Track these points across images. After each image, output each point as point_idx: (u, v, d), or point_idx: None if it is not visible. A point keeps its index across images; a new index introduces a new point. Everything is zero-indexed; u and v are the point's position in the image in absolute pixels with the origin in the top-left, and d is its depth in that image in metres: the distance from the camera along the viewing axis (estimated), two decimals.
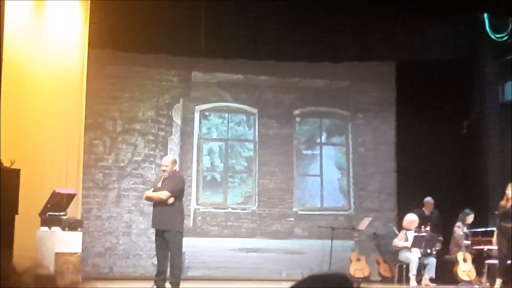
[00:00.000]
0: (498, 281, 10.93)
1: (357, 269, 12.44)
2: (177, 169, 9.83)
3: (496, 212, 11.30)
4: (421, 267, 11.97)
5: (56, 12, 9.79)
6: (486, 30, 12.91)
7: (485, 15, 12.86)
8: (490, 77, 13.20)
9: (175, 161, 9.67)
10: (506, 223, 10.94)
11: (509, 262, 10.99)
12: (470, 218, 12.32)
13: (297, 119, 13.88)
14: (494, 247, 11.66)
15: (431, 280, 11.86)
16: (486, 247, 12.00)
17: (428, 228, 12.18)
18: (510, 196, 10.90)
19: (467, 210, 12.32)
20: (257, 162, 13.50)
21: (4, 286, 0.92)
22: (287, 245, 13.32)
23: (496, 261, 11.41)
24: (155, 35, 11.65)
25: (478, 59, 13.21)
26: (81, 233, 8.87)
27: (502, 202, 11.04)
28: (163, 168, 9.40)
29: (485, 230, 12.30)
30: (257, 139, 13.59)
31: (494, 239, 11.52)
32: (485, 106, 13.23)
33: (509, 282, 10.89)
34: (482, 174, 12.93)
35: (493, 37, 12.88)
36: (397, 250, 12.35)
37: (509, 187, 10.98)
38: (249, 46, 12.20)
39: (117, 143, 12.67)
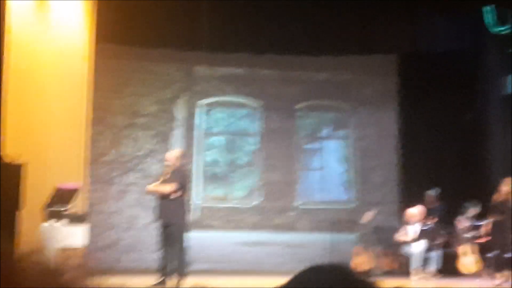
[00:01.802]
0: (499, 274, 10.93)
1: (360, 262, 12.45)
2: (181, 164, 9.82)
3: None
4: (425, 260, 11.97)
5: (61, 6, 9.79)
6: (489, 23, 12.88)
7: (488, 7, 12.82)
8: (493, 70, 13.18)
9: (180, 156, 9.67)
10: (497, 216, 10.96)
11: (508, 255, 11.00)
12: (471, 211, 12.33)
13: (300, 112, 13.87)
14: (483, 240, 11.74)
15: (434, 273, 11.87)
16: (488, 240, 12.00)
17: (431, 221, 12.18)
18: (504, 192, 10.89)
19: (467, 203, 12.33)
20: (259, 156, 13.50)
21: (7, 279, 0.92)
22: (290, 238, 13.32)
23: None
24: (158, 29, 11.65)
25: (480, 51, 13.18)
26: (85, 227, 8.88)
27: (495, 196, 11.06)
28: (168, 162, 9.41)
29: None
30: (259, 133, 13.58)
31: (486, 229, 11.52)
32: (488, 98, 13.21)
33: (508, 275, 10.89)
34: (484, 166, 12.92)
35: (495, 29, 12.84)
36: (400, 243, 12.35)
37: (505, 183, 10.95)
38: (252, 40, 12.19)
39: (120, 138, 12.68)
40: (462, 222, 12.26)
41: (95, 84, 11.03)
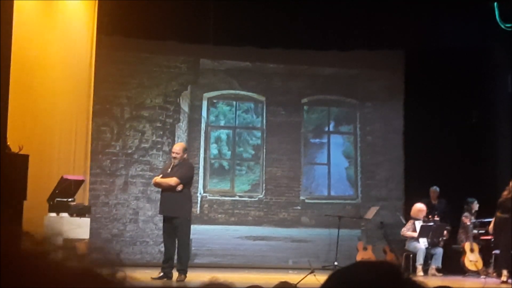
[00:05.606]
0: (504, 272, 10.90)
1: (364, 258, 12.43)
2: (187, 157, 9.80)
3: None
4: (428, 257, 11.97)
5: None
6: (496, 19, 12.81)
7: (495, 3, 12.76)
8: (500, 67, 13.12)
9: (185, 149, 9.65)
10: (503, 213, 10.92)
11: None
12: (475, 206, 12.32)
13: (305, 107, 13.85)
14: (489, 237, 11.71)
15: (438, 269, 11.85)
16: (492, 238, 11.98)
17: (436, 217, 12.16)
18: None
19: (470, 199, 12.32)
20: (264, 150, 13.48)
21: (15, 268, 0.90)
22: (294, 233, 13.32)
23: None
24: (164, 21, 11.62)
25: (488, 48, 13.13)
26: (89, 219, 8.88)
27: (504, 193, 11.01)
28: (174, 155, 9.38)
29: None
30: (264, 127, 13.56)
31: (491, 227, 11.50)
32: (495, 95, 13.17)
33: None
34: (491, 163, 12.88)
35: (503, 26, 12.77)
36: (404, 240, 12.34)
37: None
38: (258, 33, 12.16)
39: (125, 130, 12.67)
40: (468, 219, 12.24)
41: (101, 76, 11.03)
